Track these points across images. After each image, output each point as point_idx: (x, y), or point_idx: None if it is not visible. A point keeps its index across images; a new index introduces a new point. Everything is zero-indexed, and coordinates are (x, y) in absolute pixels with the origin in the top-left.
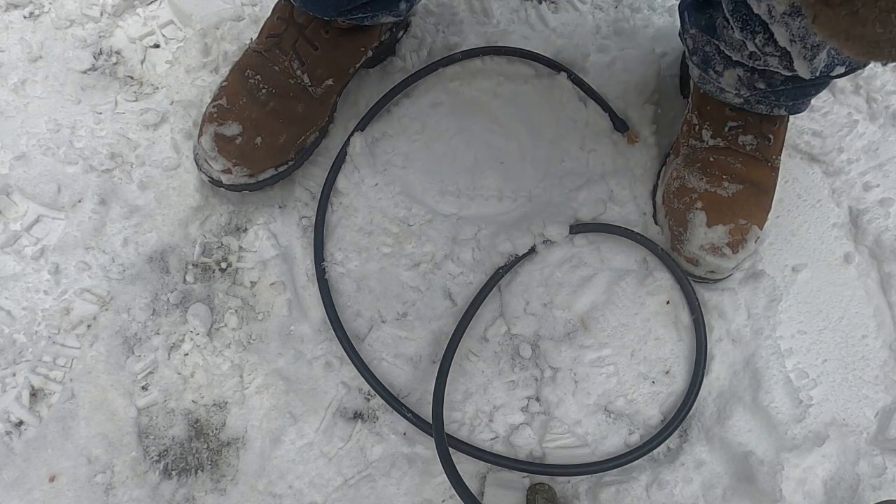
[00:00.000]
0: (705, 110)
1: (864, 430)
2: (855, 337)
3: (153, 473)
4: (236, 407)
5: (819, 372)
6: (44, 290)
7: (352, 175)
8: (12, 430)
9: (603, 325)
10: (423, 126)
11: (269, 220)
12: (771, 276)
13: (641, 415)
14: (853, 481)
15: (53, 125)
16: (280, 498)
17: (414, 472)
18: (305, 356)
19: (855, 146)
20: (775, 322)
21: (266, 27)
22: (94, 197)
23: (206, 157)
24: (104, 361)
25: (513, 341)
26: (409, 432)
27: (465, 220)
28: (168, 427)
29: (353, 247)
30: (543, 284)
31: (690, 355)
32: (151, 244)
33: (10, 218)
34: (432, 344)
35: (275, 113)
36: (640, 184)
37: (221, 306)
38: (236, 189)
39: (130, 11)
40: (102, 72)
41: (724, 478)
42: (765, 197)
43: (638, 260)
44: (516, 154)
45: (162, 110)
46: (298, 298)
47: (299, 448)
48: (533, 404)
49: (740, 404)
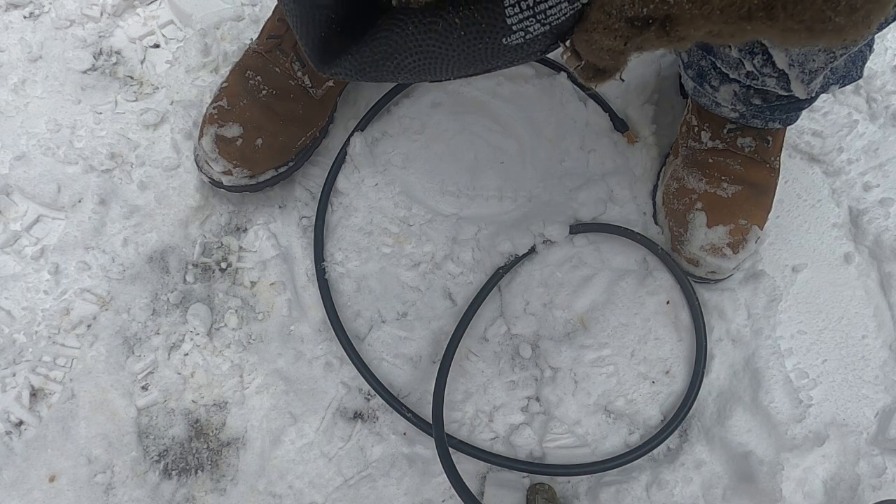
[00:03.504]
0: (704, 112)
1: (864, 430)
2: (855, 337)
3: (153, 473)
4: (236, 407)
5: (819, 372)
6: (44, 290)
7: (352, 175)
8: (12, 430)
9: (603, 325)
10: (423, 126)
11: (269, 220)
12: (771, 276)
13: (641, 415)
14: (853, 481)
15: (53, 125)
16: (280, 498)
17: (414, 472)
18: (305, 356)
19: (855, 146)
20: (775, 322)
21: (266, 28)
22: (94, 197)
23: (206, 158)
24: (104, 361)
25: (513, 341)
26: (409, 432)
27: (465, 220)
28: (168, 427)
29: (353, 247)
30: (543, 284)
31: (690, 355)
32: (151, 244)
33: (10, 218)
34: (432, 344)
35: (275, 114)
36: (640, 184)
37: (221, 306)
38: (236, 190)
39: (130, 11)
40: (102, 72)
41: (724, 478)
42: (765, 197)
43: (638, 260)
44: (516, 154)
45: (162, 110)
46: (298, 298)
47: (299, 448)
48: (533, 404)
49: (740, 404)
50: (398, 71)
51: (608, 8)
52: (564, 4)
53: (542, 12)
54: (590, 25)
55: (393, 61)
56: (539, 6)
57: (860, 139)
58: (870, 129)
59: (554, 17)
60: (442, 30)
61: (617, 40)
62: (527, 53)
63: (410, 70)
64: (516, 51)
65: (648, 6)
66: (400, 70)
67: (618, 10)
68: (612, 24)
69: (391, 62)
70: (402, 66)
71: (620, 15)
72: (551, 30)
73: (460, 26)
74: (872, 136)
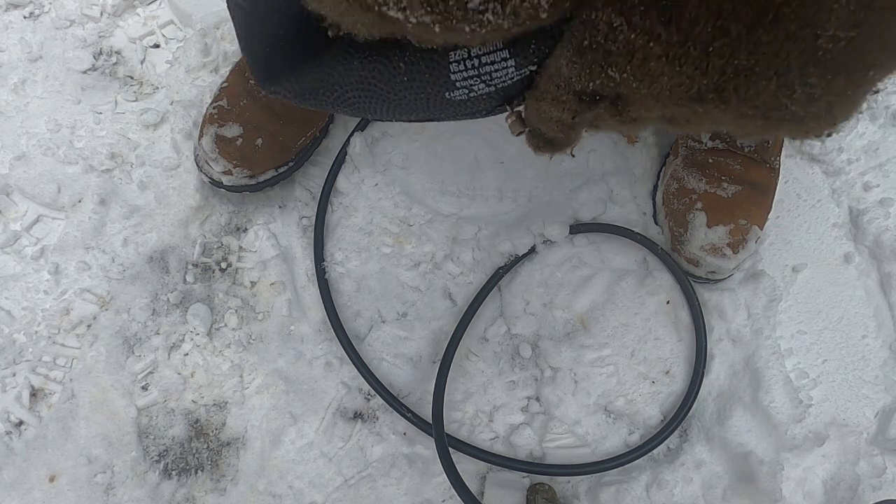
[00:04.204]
0: None
1: (864, 430)
2: (855, 337)
3: (153, 473)
4: (236, 407)
5: (819, 372)
6: (44, 290)
7: (352, 175)
8: (12, 430)
9: (603, 325)
10: (422, 126)
11: (269, 220)
12: (771, 276)
13: (641, 415)
14: (853, 481)
15: (53, 125)
16: (280, 498)
17: (414, 472)
18: (305, 356)
19: (855, 146)
20: (775, 322)
21: None
22: (94, 197)
23: (206, 158)
24: (104, 361)
25: (513, 341)
26: (409, 432)
27: (465, 220)
28: (168, 427)
29: (353, 247)
30: (543, 284)
31: (690, 355)
32: (151, 244)
33: (10, 218)
34: (432, 344)
35: (275, 114)
36: (640, 184)
37: (221, 306)
38: (237, 190)
39: (130, 11)
40: (102, 72)
41: (724, 478)
42: (765, 197)
43: (638, 260)
44: (516, 154)
45: (162, 110)
46: (298, 298)
47: (299, 448)
48: (533, 404)
49: (740, 404)
50: (338, 103)
51: (556, 80)
52: (511, 69)
53: (487, 74)
54: (539, 94)
55: (333, 93)
56: (484, 67)
57: (860, 139)
58: (870, 129)
59: (500, 79)
60: (385, 71)
61: (565, 113)
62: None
63: (351, 105)
64: (460, 106)
65: (595, 81)
66: (340, 103)
67: (565, 83)
68: (560, 96)
69: (331, 93)
70: (343, 100)
71: (568, 87)
72: (497, 91)
73: (404, 71)
74: (872, 136)
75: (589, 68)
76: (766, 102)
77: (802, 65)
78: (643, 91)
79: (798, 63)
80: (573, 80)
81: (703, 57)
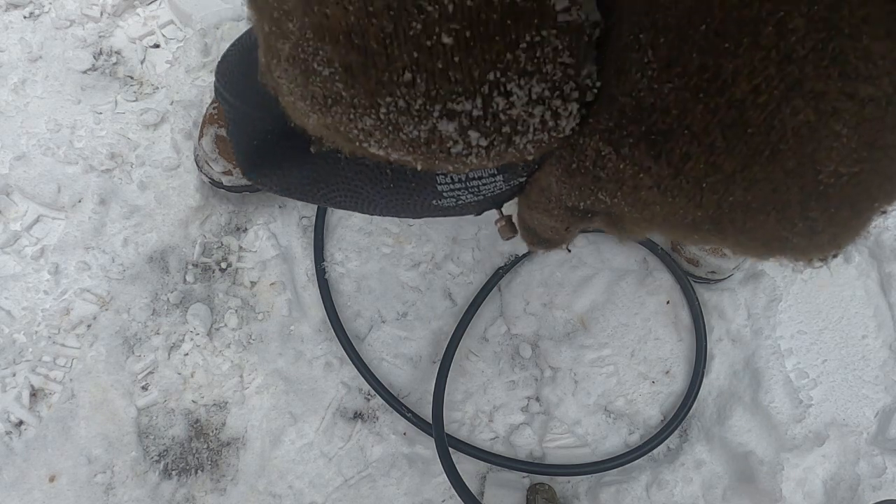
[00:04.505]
0: None
1: (864, 430)
2: (855, 337)
3: (153, 473)
4: (236, 407)
5: (819, 372)
6: (44, 290)
7: None
8: (12, 430)
9: (603, 325)
10: None
11: (269, 220)
12: (771, 276)
13: (641, 415)
14: (853, 481)
15: (53, 125)
16: (280, 498)
17: (414, 472)
18: (305, 356)
19: None
20: (775, 322)
21: None
22: (94, 197)
23: (206, 158)
24: (104, 361)
25: (513, 341)
26: (409, 432)
27: (465, 220)
28: (168, 427)
29: (353, 247)
30: (543, 284)
31: (690, 355)
32: (151, 244)
33: (10, 218)
34: (432, 344)
35: None
36: None
37: (221, 306)
38: (237, 190)
39: (130, 11)
40: (102, 72)
41: (724, 478)
42: None
43: (638, 260)
44: None
45: (162, 110)
46: (298, 298)
47: (299, 448)
48: (533, 404)
49: (740, 404)
50: (326, 199)
51: (547, 193)
52: (500, 183)
53: (474, 186)
54: (531, 203)
55: (320, 189)
56: (472, 182)
57: None
58: None
59: (488, 190)
60: (372, 175)
61: (558, 223)
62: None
63: (338, 202)
64: (449, 211)
65: (586, 201)
66: (327, 199)
67: (556, 198)
68: (551, 209)
69: (318, 189)
70: (330, 197)
71: (559, 203)
72: (486, 199)
73: (391, 178)
74: None
75: (578, 189)
76: (766, 235)
77: (803, 199)
78: (636, 216)
79: (798, 198)
80: (563, 198)
81: (697, 191)
